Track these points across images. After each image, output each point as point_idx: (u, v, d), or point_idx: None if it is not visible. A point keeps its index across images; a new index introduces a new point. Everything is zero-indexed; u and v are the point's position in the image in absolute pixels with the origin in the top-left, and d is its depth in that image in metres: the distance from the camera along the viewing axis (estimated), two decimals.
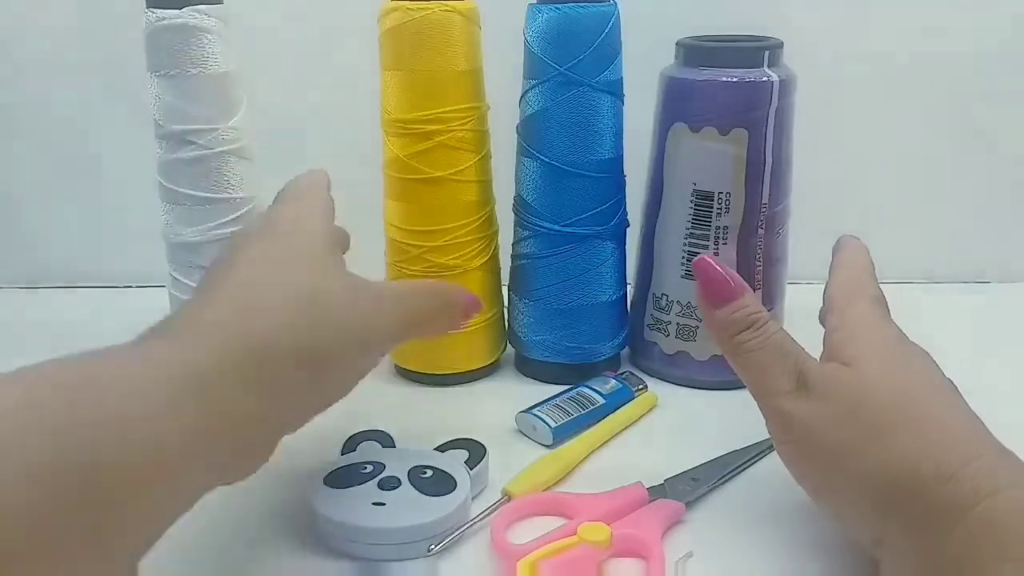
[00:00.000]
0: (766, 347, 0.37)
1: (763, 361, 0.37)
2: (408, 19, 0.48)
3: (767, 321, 0.37)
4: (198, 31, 0.48)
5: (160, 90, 0.49)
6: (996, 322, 0.65)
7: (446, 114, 0.50)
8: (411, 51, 0.49)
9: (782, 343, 0.37)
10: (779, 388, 0.36)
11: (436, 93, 0.49)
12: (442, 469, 0.41)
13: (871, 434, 0.33)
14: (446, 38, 0.49)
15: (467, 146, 0.51)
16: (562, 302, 0.53)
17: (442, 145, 0.50)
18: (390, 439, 0.45)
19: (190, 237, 0.51)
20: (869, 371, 0.35)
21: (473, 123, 0.51)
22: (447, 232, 0.52)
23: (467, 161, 0.51)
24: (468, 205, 0.52)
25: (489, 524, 0.40)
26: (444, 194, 0.51)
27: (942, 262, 0.72)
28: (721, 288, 0.38)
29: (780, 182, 0.51)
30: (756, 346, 0.37)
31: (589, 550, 0.37)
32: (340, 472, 0.41)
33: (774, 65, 0.50)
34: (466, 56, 0.50)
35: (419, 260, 0.52)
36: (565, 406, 0.49)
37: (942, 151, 0.69)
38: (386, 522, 0.38)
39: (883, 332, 0.38)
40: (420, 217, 0.52)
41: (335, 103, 0.66)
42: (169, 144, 0.50)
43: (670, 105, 0.52)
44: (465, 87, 0.50)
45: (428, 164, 0.50)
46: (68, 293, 0.71)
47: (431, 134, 0.50)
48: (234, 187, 0.51)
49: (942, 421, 0.33)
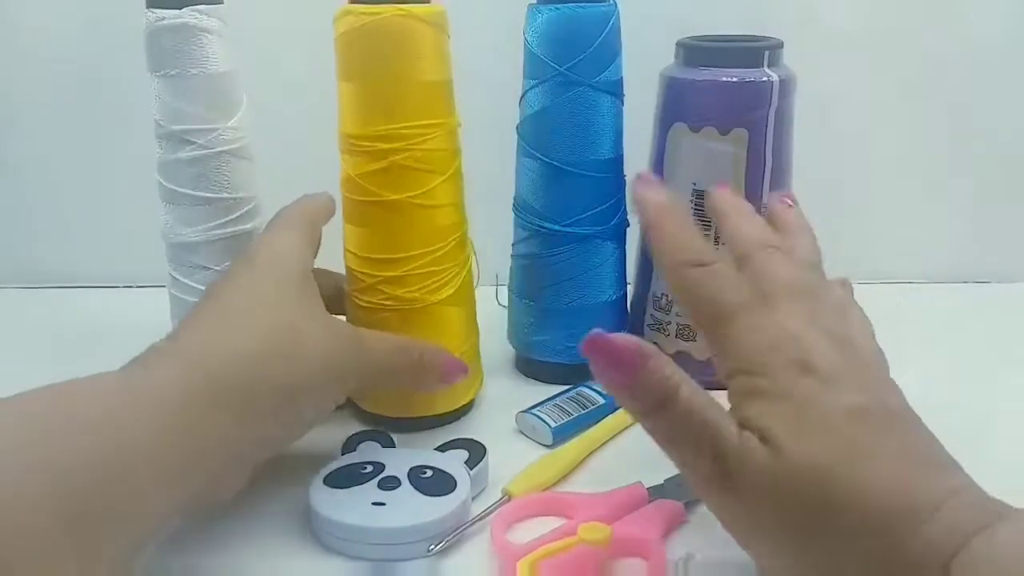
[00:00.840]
0: (679, 424, 0.31)
1: (678, 440, 0.32)
2: (361, 24, 0.43)
3: (678, 388, 0.31)
4: (198, 31, 0.48)
5: (160, 90, 0.49)
6: (996, 322, 0.65)
7: (402, 130, 0.44)
8: (362, 60, 0.44)
9: (695, 415, 0.31)
10: (699, 473, 0.31)
11: (391, 107, 0.44)
12: (442, 469, 0.41)
13: (803, 533, 0.30)
14: (402, 46, 0.44)
15: (428, 166, 0.45)
16: (562, 302, 0.53)
17: (397, 165, 0.45)
18: (390, 439, 0.45)
19: (190, 237, 0.51)
20: (790, 455, 0.29)
21: (436, 141, 0.45)
22: (405, 261, 0.46)
23: (428, 183, 0.45)
24: (430, 231, 0.46)
25: (489, 524, 0.40)
26: (401, 219, 0.46)
27: (942, 262, 0.72)
28: (618, 370, 0.31)
29: (780, 182, 0.51)
30: (668, 426, 0.32)
31: (589, 550, 0.37)
32: (340, 472, 0.41)
33: (774, 65, 0.50)
34: (428, 66, 0.45)
35: (373, 291, 0.47)
36: (565, 406, 0.49)
37: (941, 151, 0.69)
38: (385, 522, 0.38)
39: (804, 380, 0.31)
40: (374, 244, 0.46)
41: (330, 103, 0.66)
42: (169, 144, 0.50)
43: (670, 105, 0.52)
44: (426, 100, 0.45)
45: (381, 186, 0.45)
46: (68, 293, 0.71)
47: (385, 153, 0.44)
48: (234, 187, 0.51)
49: (886, 489, 0.29)
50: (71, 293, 0.71)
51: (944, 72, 0.67)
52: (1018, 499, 0.30)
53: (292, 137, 0.67)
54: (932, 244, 0.72)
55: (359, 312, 0.48)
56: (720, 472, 0.30)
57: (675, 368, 0.32)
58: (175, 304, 0.53)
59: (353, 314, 0.49)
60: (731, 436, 0.31)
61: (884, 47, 0.67)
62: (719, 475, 0.31)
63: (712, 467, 0.31)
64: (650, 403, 0.31)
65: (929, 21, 0.66)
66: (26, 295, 0.71)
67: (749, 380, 0.32)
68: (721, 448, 0.31)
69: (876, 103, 0.68)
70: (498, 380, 0.56)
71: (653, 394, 0.31)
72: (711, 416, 0.31)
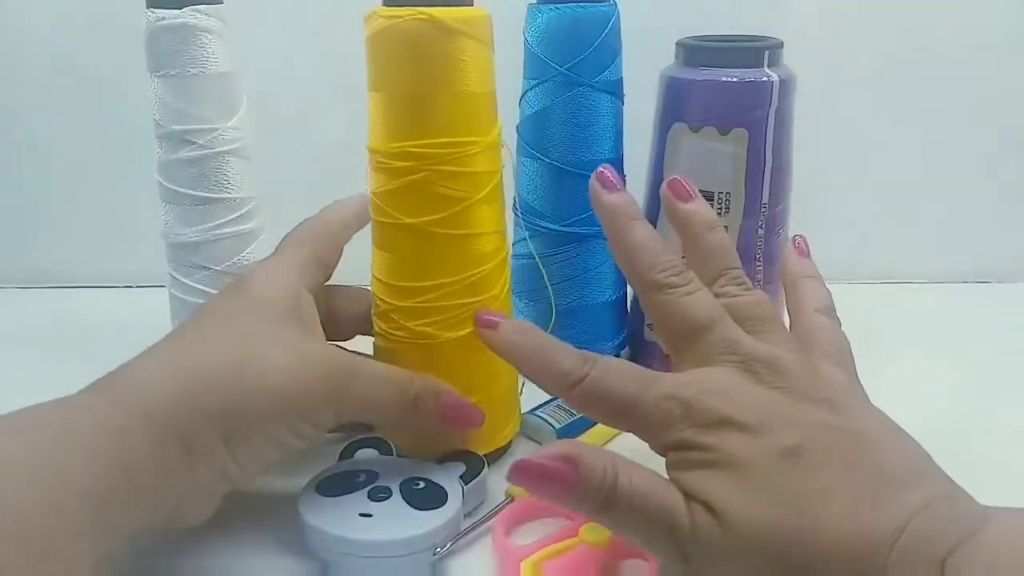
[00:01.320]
0: (630, 515, 0.30)
1: (632, 528, 0.31)
2: (383, 27, 0.39)
3: (616, 481, 0.30)
4: (198, 31, 0.48)
5: (160, 90, 0.49)
6: (996, 322, 0.65)
7: (425, 148, 0.39)
8: (386, 68, 0.40)
9: (640, 500, 0.30)
10: (661, 553, 0.30)
11: (413, 121, 0.40)
12: (435, 482, 0.40)
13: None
14: (421, 53, 0.39)
15: (453, 190, 0.40)
16: (562, 302, 0.53)
17: (412, 186, 0.40)
18: (389, 447, 0.44)
19: (190, 237, 0.51)
20: (737, 523, 0.29)
21: (465, 161, 0.40)
22: (419, 291, 0.41)
23: (448, 208, 0.40)
24: (450, 262, 0.41)
25: (492, 525, 0.40)
26: (419, 246, 0.41)
27: (942, 262, 0.72)
28: (555, 484, 0.30)
29: (780, 182, 0.51)
30: (620, 518, 0.31)
31: (591, 551, 0.37)
32: (333, 479, 0.40)
33: (774, 65, 0.50)
34: (457, 76, 0.39)
35: (386, 318, 0.43)
36: (568, 407, 0.49)
37: (942, 151, 0.69)
38: (367, 534, 0.37)
39: (729, 436, 0.30)
40: (391, 269, 0.42)
41: (332, 103, 0.66)
42: (169, 144, 0.50)
43: (670, 105, 0.52)
44: (456, 114, 0.40)
45: (397, 207, 0.41)
46: (68, 293, 0.71)
47: (402, 171, 0.40)
48: (234, 187, 0.51)
49: (838, 531, 0.28)
50: (71, 293, 0.71)
51: (944, 72, 0.67)
52: (1018, 500, 0.30)
53: (292, 137, 0.67)
54: (932, 244, 0.72)
55: (377, 340, 0.45)
56: (679, 551, 0.30)
57: (606, 456, 0.31)
58: (175, 304, 0.53)
59: (373, 342, 0.45)
60: (681, 515, 0.30)
61: (884, 46, 0.66)
62: (679, 554, 0.30)
63: (670, 546, 0.30)
64: (596, 505, 0.30)
65: (929, 21, 0.66)
66: (26, 295, 0.71)
67: (680, 452, 0.31)
68: (673, 527, 0.30)
69: (876, 103, 0.68)
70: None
71: (595, 495, 0.30)
72: (657, 498, 0.30)
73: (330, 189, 0.47)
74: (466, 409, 0.41)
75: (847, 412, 0.31)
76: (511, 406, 0.47)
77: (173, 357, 0.36)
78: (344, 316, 0.46)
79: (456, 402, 0.41)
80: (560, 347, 0.35)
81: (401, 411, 0.40)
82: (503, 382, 0.45)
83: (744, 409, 0.31)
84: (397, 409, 0.40)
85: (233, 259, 0.52)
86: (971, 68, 0.67)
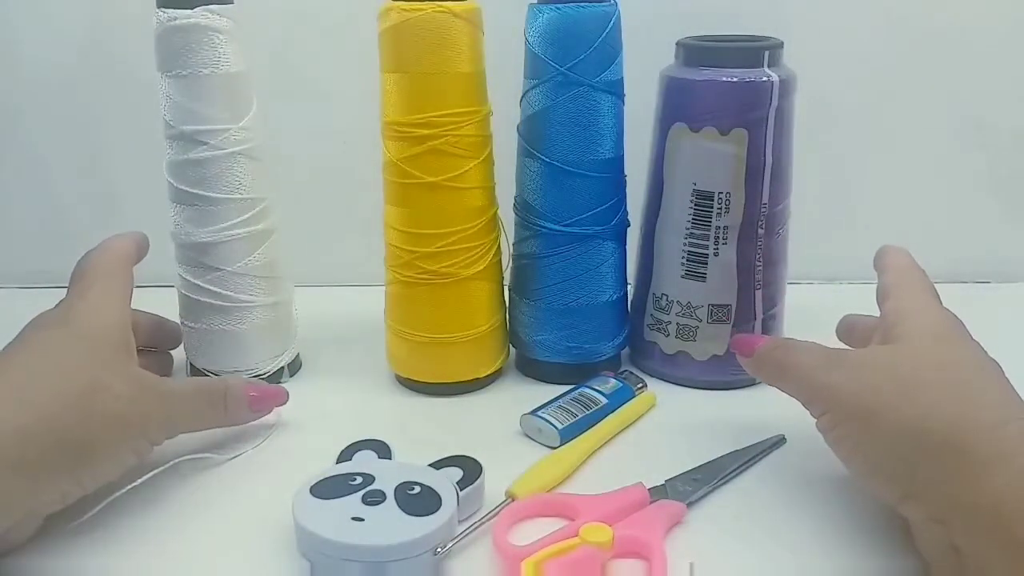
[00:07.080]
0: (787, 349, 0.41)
1: (789, 350, 0.41)
2: (403, 20, 0.47)
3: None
4: (209, 31, 0.48)
5: (171, 90, 0.49)
6: (996, 322, 0.65)
7: (440, 118, 0.48)
8: (406, 53, 0.48)
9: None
10: (810, 363, 0.39)
11: (431, 96, 0.48)
12: (430, 487, 0.40)
13: (904, 394, 0.36)
14: (441, 40, 0.48)
15: (463, 151, 0.50)
16: (563, 302, 0.53)
17: (434, 150, 0.49)
18: (387, 449, 0.44)
19: (200, 238, 0.50)
20: (908, 345, 0.38)
21: (471, 127, 0.49)
22: (439, 238, 0.50)
23: (463, 166, 0.50)
24: (463, 211, 0.51)
25: (492, 526, 0.40)
26: (438, 200, 0.50)
27: (942, 262, 0.72)
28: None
29: (780, 182, 0.52)
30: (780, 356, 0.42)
31: (591, 551, 0.37)
32: (328, 482, 0.40)
33: (774, 65, 0.50)
34: (464, 58, 0.49)
35: (410, 266, 0.51)
36: (569, 407, 0.49)
37: (941, 151, 0.70)
38: (358, 539, 0.36)
39: (931, 316, 0.41)
40: (413, 221, 0.51)
41: (341, 104, 0.66)
42: (179, 144, 0.50)
43: (670, 105, 0.52)
44: (462, 90, 0.49)
45: (421, 169, 0.49)
46: None
47: (424, 138, 0.49)
48: (245, 188, 0.50)
49: (982, 387, 0.36)
50: None
51: (945, 72, 0.67)
52: None
53: (303, 138, 0.67)
54: (932, 244, 0.72)
55: (397, 287, 0.52)
56: (831, 360, 0.40)
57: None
58: (185, 304, 0.53)
59: (390, 289, 0.53)
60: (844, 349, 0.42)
61: (884, 47, 0.66)
62: (829, 363, 0.40)
63: (822, 358, 0.40)
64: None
65: (929, 21, 0.66)
66: (26, 295, 0.71)
67: None
68: (832, 350, 0.41)
69: (876, 103, 0.68)
70: (498, 379, 0.56)
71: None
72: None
73: (340, 189, 0.47)
74: (270, 391, 0.48)
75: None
76: (504, 337, 0.56)
77: (10, 393, 0.37)
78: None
79: (260, 390, 0.47)
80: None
81: (216, 413, 0.46)
82: (499, 315, 0.55)
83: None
84: (213, 413, 0.45)
85: (244, 260, 0.51)
86: (971, 68, 0.67)
